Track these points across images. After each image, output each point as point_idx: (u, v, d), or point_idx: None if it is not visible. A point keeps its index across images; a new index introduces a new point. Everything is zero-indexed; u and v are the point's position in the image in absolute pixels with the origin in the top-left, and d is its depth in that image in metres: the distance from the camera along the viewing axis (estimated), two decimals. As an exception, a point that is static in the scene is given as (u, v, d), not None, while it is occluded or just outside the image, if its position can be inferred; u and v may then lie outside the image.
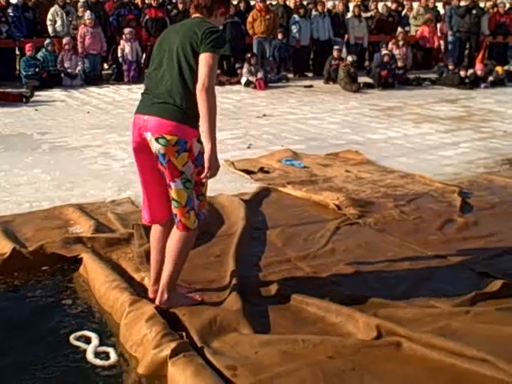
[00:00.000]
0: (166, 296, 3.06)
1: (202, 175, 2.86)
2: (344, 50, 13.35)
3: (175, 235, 3.02)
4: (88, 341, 2.92)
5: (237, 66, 12.15)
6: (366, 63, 13.90)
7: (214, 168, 2.86)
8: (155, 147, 2.85)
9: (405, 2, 15.67)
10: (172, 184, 2.91)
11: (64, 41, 11.55)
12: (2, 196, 4.93)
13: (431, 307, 3.15)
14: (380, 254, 3.88)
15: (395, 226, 4.33)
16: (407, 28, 14.77)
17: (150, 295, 3.19)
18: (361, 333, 2.89)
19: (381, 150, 6.63)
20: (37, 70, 10.96)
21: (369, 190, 5.13)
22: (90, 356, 2.82)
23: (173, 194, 2.94)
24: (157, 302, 3.08)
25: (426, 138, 7.35)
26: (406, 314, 3.06)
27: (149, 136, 2.87)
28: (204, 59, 2.80)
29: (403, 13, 15.41)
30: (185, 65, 2.86)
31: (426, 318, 3.01)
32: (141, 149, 2.96)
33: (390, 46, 13.12)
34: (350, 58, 11.82)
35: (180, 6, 12.93)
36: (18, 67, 11.82)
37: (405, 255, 3.84)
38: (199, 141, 2.90)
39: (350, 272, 3.61)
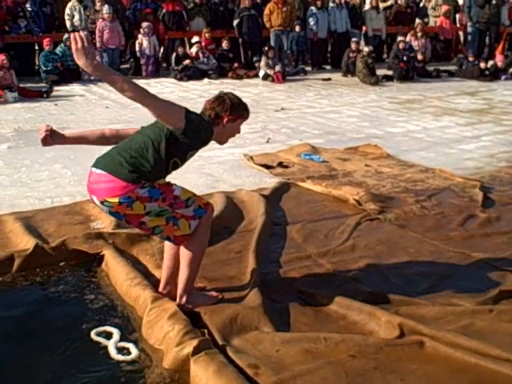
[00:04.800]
0: (184, 299, 3.07)
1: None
2: (362, 42, 13.25)
3: (185, 242, 3.01)
4: (109, 336, 2.93)
5: (254, 59, 12.13)
6: (385, 55, 13.80)
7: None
8: (105, 210, 2.88)
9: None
10: (143, 220, 2.88)
11: (82, 35, 11.57)
12: (23, 191, 4.98)
13: (454, 305, 3.12)
14: (401, 250, 3.85)
15: (416, 222, 4.30)
16: (426, 19, 14.63)
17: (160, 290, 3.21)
18: (383, 331, 2.88)
19: (400, 144, 6.58)
20: (56, 64, 11.02)
21: (389, 184, 5.09)
22: (112, 352, 2.83)
23: (149, 225, 2.90)
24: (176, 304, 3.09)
25: (446, 131, 7.28)
26: (428, 312, 3.03)
27: (94, 198, 2.88)
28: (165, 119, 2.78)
29: (421, 4, 15.26)
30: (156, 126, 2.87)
31: (449, 317, 2.98)
32: None
33: (408, 37, 13.01)
34: (366, 49, 11.75)
35: (196, 0, 12.93)
36: (37, 62, 11.90)
37: (426, 251, 3.81)
38: (143, 187, 2.82)
39: (371, 269, 3.59)
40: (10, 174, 5.48)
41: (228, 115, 2.93)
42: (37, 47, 12.37)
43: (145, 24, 11.96)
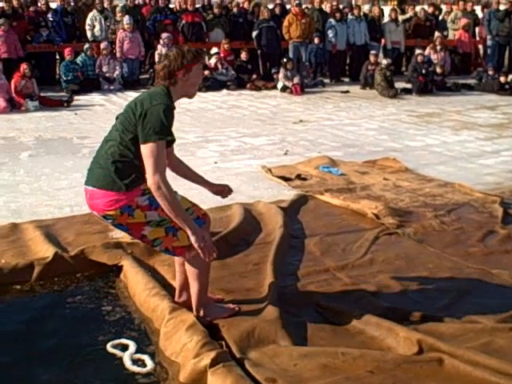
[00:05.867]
0: (202, 313, 3.07)
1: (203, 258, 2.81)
2: (381, 54, 13.24)
3: (187, 257, 3.02)
4: (125, 349, 2.93)
5: (273, 70, 12.15)
6: (403, 68, 13.78)
7: (207, 247, 2.80)
8: (109, 223, 2.91)
9: (444, 6, 15.47)
10: (144, 233, 2.88)
11: (102, 45, 11.71)
12: (43, 200, 5.03)
13: (473, 322, 3.08)
14: (420, 265, 3.82)
15: (435, 237, 4.27)
16: (445, 32, 14.59)
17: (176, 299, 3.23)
18: (401, 347, 2.85)
19: (419, 158, 6.55)
20: (76, 74, 11.14)
21: (407, 198, 5.07)
22: (127, 363, 2.83)
23: (149, 237, 2.89)
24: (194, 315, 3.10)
25: (466, 145, 7.23)
26: (447, 328, 3.01)
27: (95, 214, 2.90)
28: (144, 151, 2.71)
29: (441, 17, 15.23)
30: (122, 129, 2.81)
31: (469, 334, 2.95)
32: None
33: (427, 50, 12.98)
34: (385, 61, 11.73)
35: (216, 11, 13.02)
36: (58, 72, 12.04)
37: (445, 267, 3.78)
38: (143, 194, 2.83)
39: (390, 284, 3.56)
40: (30, 183, 5.54)
41: (179, 68, 2.81)
42: (58, 57, 12.52)
43: (164, 35, 12.05)
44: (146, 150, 2.70)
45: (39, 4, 12.96)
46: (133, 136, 2.76)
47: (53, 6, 13.14)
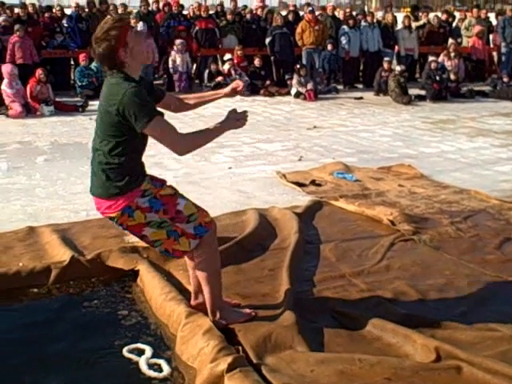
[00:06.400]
0: (217, 316, 3.07)
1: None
2: (394, 61, 13.22)
3: (195, 266, 3.04)
4: (141, 354, 2.92)
5: (286, 76, 12.18)
6: (417, 75, 13.74)
7: (241, 122, 2.87)
8: (116, 226, 2.95)
9: (458, 13, 15.43)
10: (144, 233, 2.88)
11: (117, 51, 11.76)
12: (59, 204, 5.06)
13: (492, 330, 3.05)
14: (436, 272, 3.80)
15: (451, 244, 4.24)
16: (459, 39, 14.54)
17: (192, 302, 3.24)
18: (419, 355, 2.83)
19: (434, 165, 6.52)
20: (91, 79, 11.21)
21: (423, 205, 5.04)
22: (143, 367, 2.83)
23: (150, 238, 2.88)
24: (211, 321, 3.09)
25: (481, 152, 7.19)
26: (465, 336, 2.98)
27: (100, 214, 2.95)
28: (151, 134, 2.72)
29: (454, 24, 15.19)
30: (102, 135, 2.76)
31: (487, 342, 2.93)
32: None
33: (441, 57, 12.95)
34: (398, 68, 11.72)
35: (229, 17, 13.08)
36: (72, 77, 12.13)
37: (462, 274, 3.75)
38: (143, 196, 2.81)
39: (406, 290, 3.54)
40: (46, 187, 5.58)
41: (114, 51, 2.67)
42: (72, 62, 12.63)
43: (178, 41, 12.13)
44: (150, 133, 2.72)
45: (54, 10, 13.12)
46: (115, 141, 2.73)
47: (67, 12, 13.28)
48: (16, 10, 13.34)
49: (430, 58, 12.39)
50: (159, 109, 2.83)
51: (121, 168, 2.76)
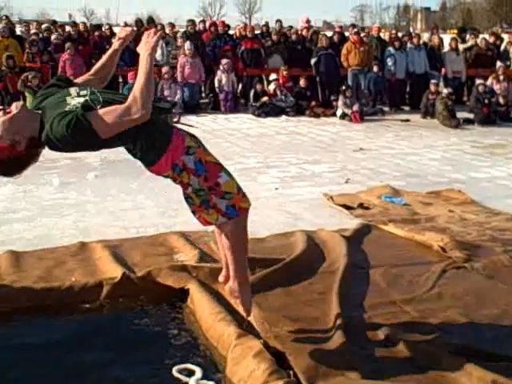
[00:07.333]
0: (234, 284, 3.14)
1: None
2: (441, 84, 13.09)
3: (222, 233, 3.04)
4: (191, 374, 2.92)
5: (332, 97, 12.17)
6: (465, 98, 13.57)
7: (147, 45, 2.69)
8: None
9: (506, 36, 15.21)
10: (187, 191, 2.89)
11: (163, 70, 11.99)
12: (109, 220, 5.14)
13: (551, 364, 2.96)
14: (490, 301, 3.70)
15: (505, 273, 4.13)
16: (508, 62, 14.31)
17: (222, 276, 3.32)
18: (475, 387, 2.76)
19: (485, 190, 6.39)
20: (139, 97, 11.40)
21: (474, 232, 4.94)
22: (193, 388, 2.83)
23: (189, 193, 2.90)
24: (226, 287, 3.24)
25: (534, 179, 7.03)
26: (523, 369, 2.90)
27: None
28: (102, 130, 2.56)
29: (502, 46, 14.96)
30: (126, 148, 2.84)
31: (546, 376, 2.83)
32: None
33: (489, 80, 12.75)
34: (445, 91, 11.59)
35: (274, 37, 13.17)
36: (121, 94, 12.36)
37: (518, 305, 3.66)
38: (188, 153, 2.82)
39: (459, 319, 3.46)
40: (96, 203, 5.68)
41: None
42: (121, 80, 12.88)
43: (224, 61, 12.27)
44: (100, 129, 2.57)
45: (103, 29, 13.44)
46: (130, 143, 2.75)
47: (116, 30, 13.58)
48: (67, 29, 13.75)
49: (478, 81, 12.24)
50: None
51: (149, 145, 2.75)
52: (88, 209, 5.48)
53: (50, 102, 2.69)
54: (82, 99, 2.63)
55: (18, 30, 13.94)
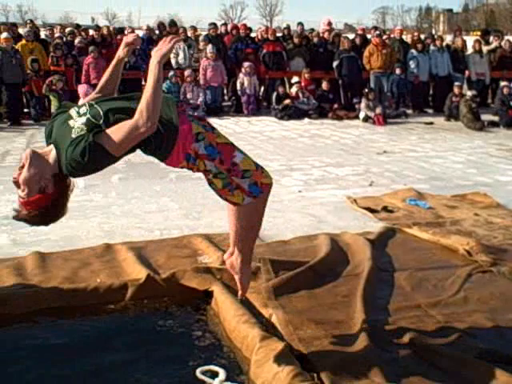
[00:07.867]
0: (237, 260, 3.11)
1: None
2: (465, 86, 12.97)
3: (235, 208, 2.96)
4: (215, 376, 2.92)
5: (354, 100, 12.13)
6: (489, 100, 13.43)
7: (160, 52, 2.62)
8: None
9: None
10: (209, 177, 2.84)
11: (186, 73, 12.07)
12: (134, 222, 5.18)
13: None
14: (517, 306, 3.66)
15: (532, 278, 4.08)
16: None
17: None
18: (503, 392, 2.73)
19: (511, 194, 6.31)
20: (162, 100, 11.48)
21: (500, 236, 4.88)
22: (217, 390, 2.84)
23: (211, 178, 2.84)
24: (227, 261, 3.18)
25: (561, 182, 6.92)
26: (551, 375, 2.85)
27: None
28: (113, 149, 2.55)
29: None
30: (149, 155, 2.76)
31: None
32: None
33: (513, 82, 12.62)
34: (469, 93, 11.49)
35: (296, 40, 13.16)
36: (144, 97, 12.44)
37: (546, 310, 3.60)
38: (197, 140, 2.73)
39: (485, 324, 3.42)
40: (121, 205, 5.72)
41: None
42: (143, 83, 12.98)
43: (246, 64, 12.30)
44: (112, 150, 2.55)
45: (125, 32, 13.54)
46: (149, 148, 2.70)
47: (139, 33, 13.69)
48: (91, 32, 13.91)
49: (502, 84, 12.10)
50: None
51: (158, 143, 2.68)
52: (113, 211, 5.53)
53: (57, 132, 2.68)
54: (83, 119, 2.60)
55: (43, 33, 14.13)
